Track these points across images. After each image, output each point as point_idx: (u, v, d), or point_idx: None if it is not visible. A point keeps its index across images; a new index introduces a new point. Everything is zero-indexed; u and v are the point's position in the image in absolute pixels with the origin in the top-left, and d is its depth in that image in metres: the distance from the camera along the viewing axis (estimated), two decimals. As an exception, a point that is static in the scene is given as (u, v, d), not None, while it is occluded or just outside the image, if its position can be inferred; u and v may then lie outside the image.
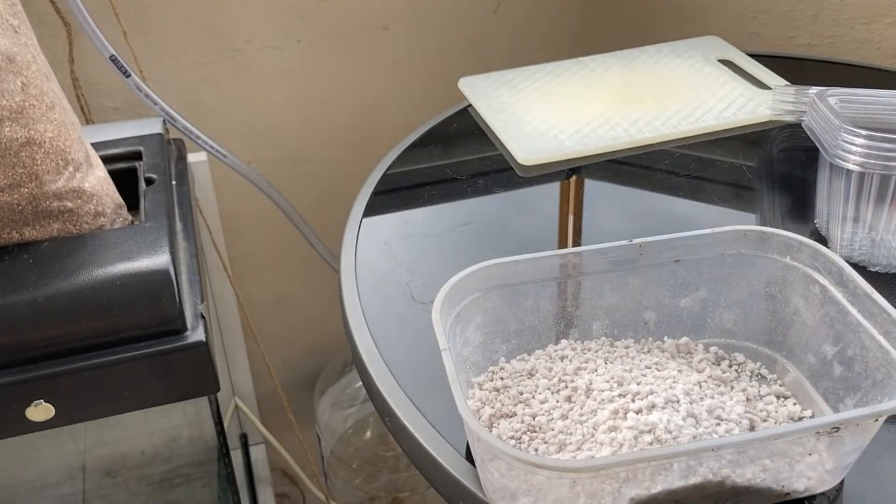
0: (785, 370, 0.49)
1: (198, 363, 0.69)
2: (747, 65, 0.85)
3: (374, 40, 1.07)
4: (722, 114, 0.77)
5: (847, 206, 0.58)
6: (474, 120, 0.81)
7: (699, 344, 0.51)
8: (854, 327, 0.44)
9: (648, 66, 0.87)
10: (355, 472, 1.21)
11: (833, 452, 0.41)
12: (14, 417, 0.66)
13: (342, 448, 1.20)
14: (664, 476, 0.39)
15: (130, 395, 0.69)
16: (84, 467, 0.95)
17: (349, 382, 1.20)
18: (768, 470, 0.40)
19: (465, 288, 0.47)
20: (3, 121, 0.61)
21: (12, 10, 0.65)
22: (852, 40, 0.90)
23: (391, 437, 0.52)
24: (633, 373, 0.47)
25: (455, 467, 0.46)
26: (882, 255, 0.58)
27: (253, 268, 1.18)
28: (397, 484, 1.21)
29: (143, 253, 0.65)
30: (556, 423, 0.44)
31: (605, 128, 0.76)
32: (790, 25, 0.94)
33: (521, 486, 0.39)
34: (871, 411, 0.39)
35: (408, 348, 0.55)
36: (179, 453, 0.97)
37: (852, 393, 0.44)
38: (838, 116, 0.57)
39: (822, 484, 0.43)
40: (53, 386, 0.66)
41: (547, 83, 0.85)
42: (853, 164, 0.56)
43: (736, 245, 0.50)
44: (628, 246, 0.49)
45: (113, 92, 0.98)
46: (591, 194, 0.71)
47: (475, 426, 0.38)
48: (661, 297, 0.51)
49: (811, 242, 0.48)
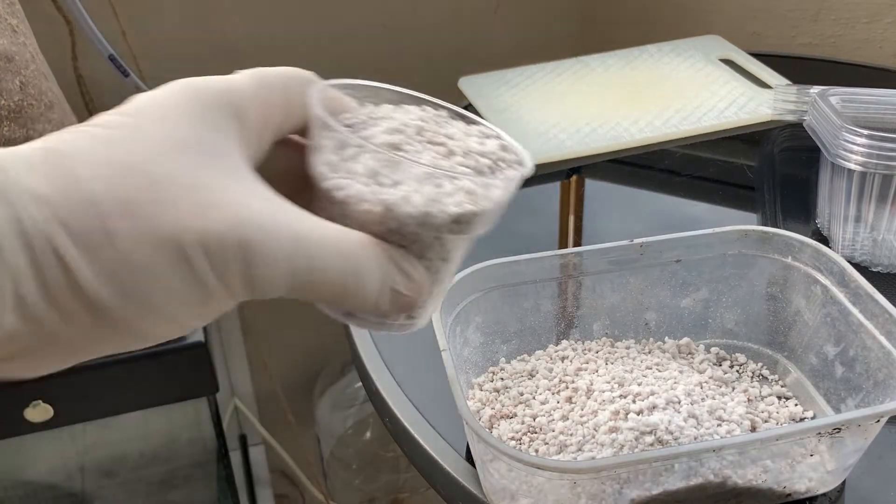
0: (786, 371, 0.49)
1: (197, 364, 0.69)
2: (748, 64, 0.85)
3: (373, 40, 1.07)
4: (723, 113, 0.77)
5: (849, 205, 0.58)
6: (474, 120, 0.80)
7: (700, 344, 0.51)
8: (856, 328, 0.44)
9: (649, 65, 0.87)
10: (355, 473, 1.20)
11: (834, 453, 0.41)
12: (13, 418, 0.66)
13: (342, 449, 1.20)
14: (665, 477, 0.39)
15: (129, 395, 0.69)
16: (83, 468, 0.95)
17: (349, 383, 1.20)
18: (769, 471, 0.40)
19: (464, 288, 0.47)
20: (2, 120, 0.61)
21: (10, 9, 0.65)
22: (854, 40, 0.90)
23: (391, 437, 0.52)
24: (633, 373, 0.47)
25: (455, 468, 0.46)
26: (884, 255, 0.58)
27: (252, 268, 1.18)
28: (397, 484, 1.21)
29: (142, 253, 0.65)
30: (557, 423, 0.44)
31: (606, 127, 0.76)
32: (791, 25, 0.94)
33: (522, 487, 0.39)
34: (873, 412, 0.38)
35: (407, 349, 0.55)
36: (178, 454, 0.96)
37: (854, 393, 0.44)
38: (840, 116, 0.57)
39: (824, 485, 0.42)
40: (52, 386, 0.66)
41: (547, 83, 0.85)
42: (855, 163, 0.56)
43: (737, 245, 0.50)
44: (629, 246, 0.49)
45: (114, 90, 0.98)
46: (592, 194, 0.71)
47: (475, 427, 0.38)
48: (662, 298, 0.51)
49: (813, 242, 0.47)
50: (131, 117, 0.28)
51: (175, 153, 0.27)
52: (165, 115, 0.28)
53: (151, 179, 0.26)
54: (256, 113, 0.30)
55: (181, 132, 0.28)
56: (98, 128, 0.27)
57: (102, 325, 0.26)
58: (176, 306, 0.27)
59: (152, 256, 0.26)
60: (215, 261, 0.26)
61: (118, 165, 0.26)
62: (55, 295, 0.25)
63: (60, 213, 0.25)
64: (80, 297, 0.25)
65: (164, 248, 0.26)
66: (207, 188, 0.27)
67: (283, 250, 0.27)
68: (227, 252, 0.26)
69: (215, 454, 0.94)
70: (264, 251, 0.27)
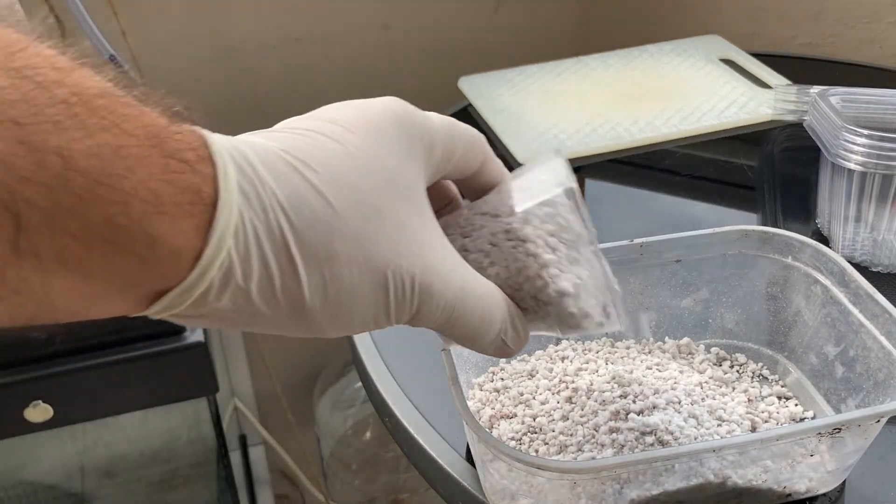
0: (786, 371, 0.49)
1: (196, 364, 0.69)
2: (749, 64, 0.85)
3: (373, 39, 1.07)
4: (723, 113, 0.77)
5: (849, 205, 0.57)
6: (474, 120, 0.80)
7: (700, 344, 0.51)
8: (856, 328, 0.44)
9: (649, 65, 0.87)
10: (355, 473, 1.20)
11: (835, 453, 0.41)
12: (12, 418, 0.66)
13: (342, 449, 1.20)
14: (665, 477, 0.39)
15: (129, 395, 0.69)
16: (83, 468, 0.95)
17: (349, 383, 1.20)
18: (770, 471, 0.40)
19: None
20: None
21: (10, 9, 0.64)
22: (854, 39, 0.90)
23: (391, 437, 0.52)
24: (634, 374, 0.47)
25: (455, 468, 0.46)
26: (884, 255, 0.58)
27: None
28: (397, 485, 1.21)
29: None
30: (557, 424, 0.44)
31: (606, 127, 0.76)
32: (792, 24, 0.94)
33: (522, 488, 0.39)
34: (873, 412, 0.38)
35: (407, 348, 0.55)
36: (178, 454, 0.96)
37: (854, 394, 0.44)
38: (840, 116, 0.57)
39: (824, 485, 0.42)
40: (52, 386, 0.66)
41: (547, 82, 0.85)
42: (855, 163, 0.56)
43: (737, 245, 0.49)
44: (629, 246, 0.49)
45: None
46: (592, 194, 0.71)
47: (475, 427, 0.38)
48: (662, 298, 0.50)
49: (813, 242, 0.47)
50: (352, 134, 0.31)
51: (389, 186, 0.31)
52: (379, 141, 0.31)
53: (376, 210, 0.30)
54: (441, 153, 0.34)
55: (392, 161, 0.31)
56: (327, 138, 0.30)
57: (296, 320, 0.30)
58: (358, 321, 0.31)
59: (360, 280, 0.29)
60: (402, 294, 0.30)
61: (349, 188, 0.29)
62: (274, 295, 0.28)
63: (298, 226, 0.28)
64: (293, 300, 0.29)
65: (372, 275, 0.30)
66: (410, 229, 0.31)
67: (448, 298, 0.32)
68: (413, 290, 0.31)
69: (215, 454, 0.94)
70: (437, 296, 0.31)
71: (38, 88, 0.23)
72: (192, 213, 0.26)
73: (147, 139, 0.25)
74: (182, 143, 0.26)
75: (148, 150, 0.25)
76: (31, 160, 0.23)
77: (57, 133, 0.23)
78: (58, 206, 0.23)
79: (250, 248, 0.27)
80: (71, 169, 0.23)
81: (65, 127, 0.23)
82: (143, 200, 0.25)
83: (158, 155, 0.25)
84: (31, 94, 0.23)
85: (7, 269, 0.23)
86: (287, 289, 0.28)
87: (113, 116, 0.25)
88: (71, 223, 0.24)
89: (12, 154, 0.22)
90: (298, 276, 0.28)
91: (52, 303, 0.25)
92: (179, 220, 0.26)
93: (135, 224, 0.25)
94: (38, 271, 0.24)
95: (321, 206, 0.28)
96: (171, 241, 0.26)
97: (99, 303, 0.26)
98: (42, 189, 0.23)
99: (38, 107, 0.23)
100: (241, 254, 0.27)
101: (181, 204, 0.26)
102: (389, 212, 0.30)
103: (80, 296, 0.25)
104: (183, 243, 0.26)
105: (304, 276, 0.28)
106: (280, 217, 0.28)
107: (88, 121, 0.24)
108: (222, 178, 0.27)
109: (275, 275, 0.28)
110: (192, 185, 0.26)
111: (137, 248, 0.25)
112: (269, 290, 0.28)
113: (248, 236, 0.27)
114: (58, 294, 0.25)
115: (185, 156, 0.26)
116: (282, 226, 0.28)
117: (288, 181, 0.28)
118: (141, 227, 0.25)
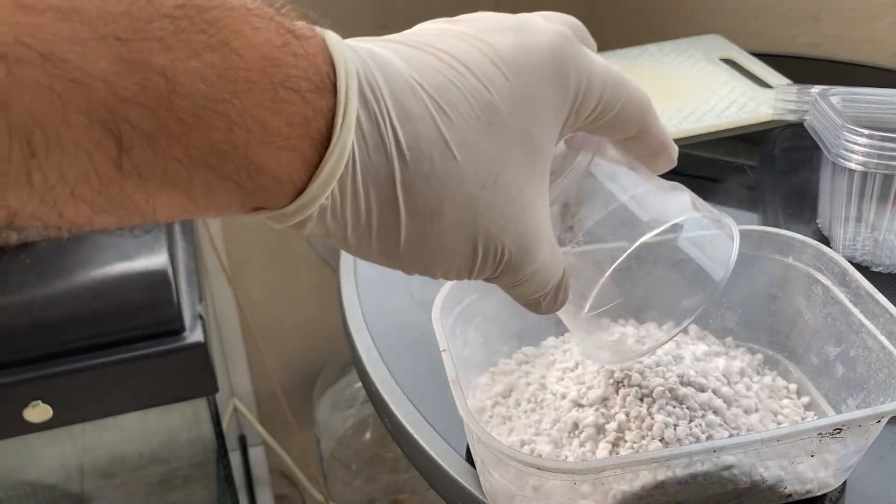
0: (787, 371, 0.49)
1: (196, 364, 0.69)
2: (749, 63, 0.85)
3: (373, 40, 1.07)
4: (723, 113, 0.77)
5: (849, 205, 0.57)
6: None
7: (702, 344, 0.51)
8: (857, 328, 0.44)
9: (650, 64, 0.87)
10: (355, 474, 1.20)
11: (835, 453, 0.41)
12: (12, 418, 0.66)
13: (342, 449, 1.20)
14: (666, 477, 0.39)
15: (128, 395, 0.69)
16: (82, 468, 0.95)
17: (349, 383, 1.20)
18: (770, 471, 0.40)
19: (465, 288, 0.46)
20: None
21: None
22: (855, 39, 0.90)
23: (391, 437, 0.52)
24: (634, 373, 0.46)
25: (455, 469, 0.46)
26: (885, 255, 0.58)
27: (252, 268, 1.18)
28: (397, 485, 1.21)
29: (142, 253, 0.65)
30: (557, 423, 0.44)
31: (606, 127, 0.76)
32: (792, 24, 0.94)
33: (522, 488, 0.39)
34: (874, 412, 0.38)
35: (407, 349, 0.55)
36: (178, 455, 0.96)
37: (855, 394, 0.44)
38: (840, 116, 0.57)
39: (825, 485, 0.42)
40: (51, 387, 0.66)
41: (547, 83, 0.84)
42: (855, 163, 0.55)
43: (738, 245, 0.49)
44: (629, 246, 0.49)
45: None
46: (592, 194, 0.71)
47: (476, 428, 0.38)
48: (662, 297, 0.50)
49: (813, 242, 0.47)
50: (503, 78, 0.29)
51: (518, 153, 0.29)
52: (529, 97, 0.29)
53: (494, 179, 0.28)
54: (590, 112, 0.32)
55: (534, 125, 0.29)
56: (472, 75, 0.28)
57: (383, 258, 0.29)
58: (441, 272, 0.30)
59: (457, 242, 0.29)
60: (491, 262, 0.30)
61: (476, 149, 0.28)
62: (370, 237, 0.28)
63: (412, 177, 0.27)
64: (387, 245, 0.28)
65: (470, 241, 0.29)
66: (521, 205, 0.29)
67: (527, 273, 0.31)
68: (502, 261, 0.30)
69: (215, 454, 0.94)
70: (521, 271, 0.31)
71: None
72: (298, 146, 0.25)
73: (257, 62, 0.24)
74: (296, 68, 0.25)
75: (258, 76, 0.24)
76: (135, 80, 0.21)
77: (162, 51, 0.22)
78: (161, 130, 0.22)
79: (358, 193, 0.26)
80: (175, 92, 0.22)
81: (169, 44, 0.22)
82: (248, 129, 0.24)
83: (268, 81, 0.24)
84: (134, 6, 0.21)
85: (111, 186, 0.23)
86: (383, 235, 0.28)
87: (222, 33, 0.23)
88: (174, 146, 0.23)
89: (115, 73, 0.21)
90: (399, 228, 0.27)
91: (155, 215, 0.25)
92: (285, 152, 0.25)
93: (238, 151, 0.24)
94: (141, 189, 0.23)
95: (442, 162, 0.27)
96: (275, 173, 0.25)
97: (201, 213, 0.26)
98: (145, 111, 0.22)
99: (142, 21, 0.22)
100: (346, 195, 0.26)
101: (289, 136, 0.25)
102: (507, 183, 0.29)
103: (184, 209, 0.25)
104: (287, 175, 0.25)
105: (404, 229, 0.28)
106: (396, 165, 0.26)
107: (194, 37, 0.22)
108: (340, 115, 0.25)
109: (374, 221, 0.27)
110: (302, 118, 0.25)
111: (240, 175, 0.24)
112: (367, 233, 0.27)
113: (357, 180, 0.26)
114: (161, 207, 0.24)
115: (297, 84, 0.25)
116: (395, 175, 0.27)
117: (415, 125, 0.27)
118: (245, 155, 0.24)
